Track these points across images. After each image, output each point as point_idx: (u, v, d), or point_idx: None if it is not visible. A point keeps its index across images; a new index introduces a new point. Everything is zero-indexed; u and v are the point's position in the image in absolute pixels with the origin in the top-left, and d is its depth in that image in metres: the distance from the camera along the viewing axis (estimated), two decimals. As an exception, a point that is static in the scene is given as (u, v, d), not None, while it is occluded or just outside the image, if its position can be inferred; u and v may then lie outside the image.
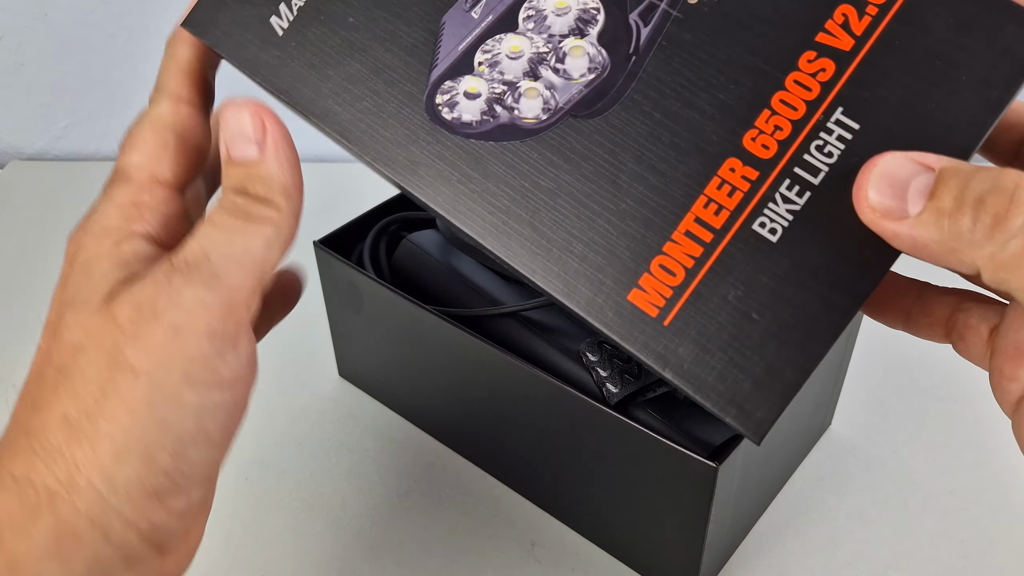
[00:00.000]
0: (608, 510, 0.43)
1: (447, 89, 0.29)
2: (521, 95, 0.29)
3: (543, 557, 0.45)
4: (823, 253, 0.26)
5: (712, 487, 0.37)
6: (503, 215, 0.28)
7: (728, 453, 0.37)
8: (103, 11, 0.72)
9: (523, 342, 0.45)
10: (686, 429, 0.40)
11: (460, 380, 0.46)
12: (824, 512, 0.47)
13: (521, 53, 0.29)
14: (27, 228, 0.70)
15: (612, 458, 0.41)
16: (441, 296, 0.48)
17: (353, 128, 0.30)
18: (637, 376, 0.40)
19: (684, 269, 0.27)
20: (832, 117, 0.26)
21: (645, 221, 0.27)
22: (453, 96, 0.29)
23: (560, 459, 0.44)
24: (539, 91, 0.29)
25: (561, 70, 0.29)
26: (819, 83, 0.26)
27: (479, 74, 0.29)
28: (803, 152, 0.26)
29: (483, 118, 0.29)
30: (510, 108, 0.29)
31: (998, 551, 0.45)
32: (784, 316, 0.26)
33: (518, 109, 0.29)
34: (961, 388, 0.55)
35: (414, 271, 0.49)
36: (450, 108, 0.29)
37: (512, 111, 0.29)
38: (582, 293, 0.27)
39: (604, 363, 0.40)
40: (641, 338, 0.27)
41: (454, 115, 0.29)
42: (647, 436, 0.38)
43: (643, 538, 0.42)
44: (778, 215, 0.26)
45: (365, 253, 0.50)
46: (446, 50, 0.30)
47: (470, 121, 0.29)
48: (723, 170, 0.27)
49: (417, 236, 0.50)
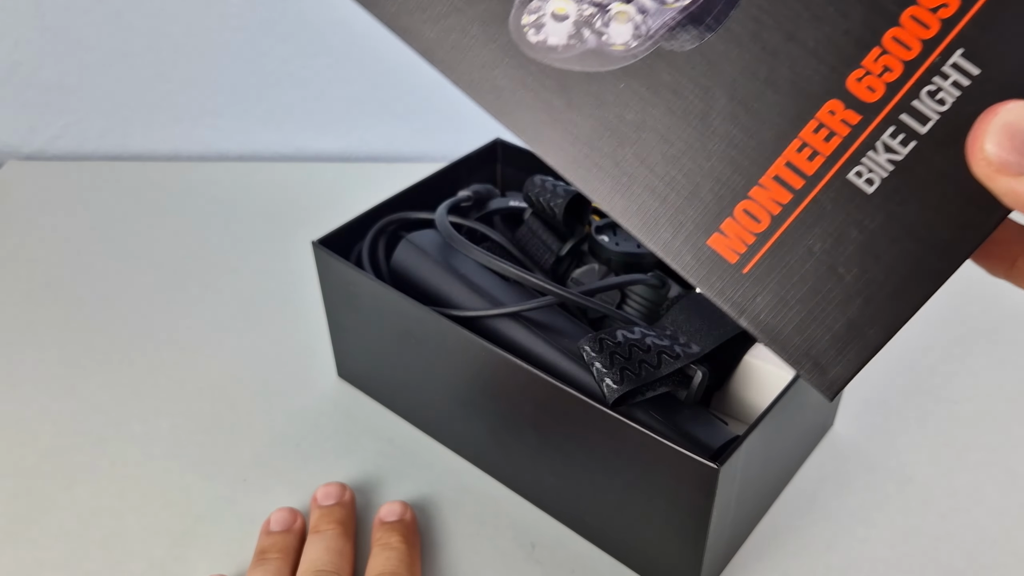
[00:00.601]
0: (609, 512, 0.43)
1: (534, 9, 0.28)
2: (611, 19, 0.27)
3: (543, 558, 0.45)
4: (922, 209, 0.24)
5: (713, 488, 0.37)
6: (585, 147, 0.27)
7: (729, 454, 0.37)
8: (101, 11, 0.72)
9: (523, 342, 0.44)
10: (687, 431, 0.40)
11: (460, 381, 0.46)
12: (826, 513, 0.47)
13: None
14: (25, 228, 0.70)
15: (613, 459, 0.40)
16: (440, 296, 0.48)
17: (437, 48, 0.28)
18: (637, 373, 0.39)
19: (769, 216, 0.25)
20: (950, 60, 0.24)
21: (733, 163, 0.26)
22: (540, 17, 0.28)
23: (560, 460, 0.43)
24: (630, 15, 0.27)
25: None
26: (939, 20, 0.24)
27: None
28: (912, 97, 0.24)
29: (569, 42, 0.27)
30: (599, 32, 0.27)
31: (1000, 552, 0.45)
32: (872, 273, 0.25)
33: (607, 34, 0.27)
34: (963, 389, 0.54)
35: (413, 271, 0.49)
36: (536, 30, 0.28)
37: (600, 36, 0.27)
38: (661, 234, 0.26)
39: (604, 360, 0.40)
40: (718, 284, 0.26)
41: (539, 37, 0.27)
42: (647, 437, 0.38)
43: (644, 539, 0.42)
44: (877, 165, 0.25)
45: (364, 253, 0.50)
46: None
47: (556, 45, 0.27)
48: (822, 112, 0.25)
49: (416, 236, 0.50)
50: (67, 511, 0.47)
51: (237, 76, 0.75)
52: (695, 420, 0.41)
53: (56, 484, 0.48)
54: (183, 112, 0.77)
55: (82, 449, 0.50)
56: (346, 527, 0.44)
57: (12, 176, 0.77)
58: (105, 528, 0.46)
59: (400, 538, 0.43)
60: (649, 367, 0.40)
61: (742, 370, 0.44)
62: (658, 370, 0.40)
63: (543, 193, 0.50)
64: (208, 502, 0.47)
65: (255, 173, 0.77)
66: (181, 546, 0.45)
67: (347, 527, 0.44)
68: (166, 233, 0.69)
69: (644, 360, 0.40)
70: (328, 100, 0.77)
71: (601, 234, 0.49)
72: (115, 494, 0.48)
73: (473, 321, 0.45)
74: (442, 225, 0.48)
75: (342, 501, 0.45)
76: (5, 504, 0.47)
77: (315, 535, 0.43)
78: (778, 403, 0.39)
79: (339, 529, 0.43)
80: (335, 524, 0.44)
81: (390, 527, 0.44)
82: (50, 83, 0.75)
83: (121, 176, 0.77)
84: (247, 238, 0.69)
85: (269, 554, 0.42)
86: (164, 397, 0.54)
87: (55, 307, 0.61)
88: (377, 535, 0.44)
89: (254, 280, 0.64)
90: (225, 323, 0.60)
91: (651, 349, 0.40)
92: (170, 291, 0.63)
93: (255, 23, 0.73)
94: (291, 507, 0.46)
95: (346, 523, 0.44)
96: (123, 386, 0.55)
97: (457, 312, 0.45)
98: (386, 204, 0.53)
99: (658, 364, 0.40)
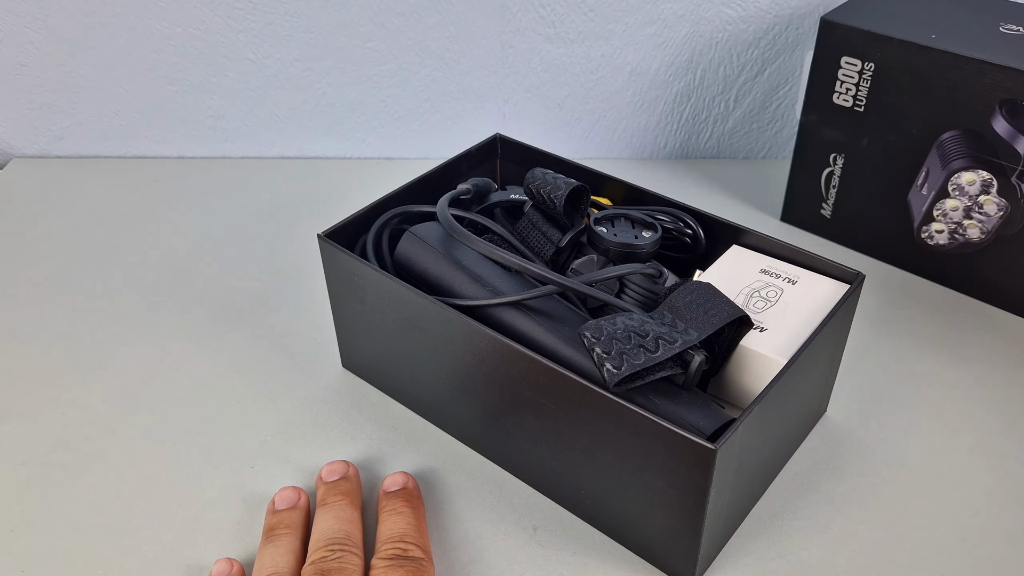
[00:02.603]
0: (608, 495, 0.44)
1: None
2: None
3: (545, 541, 0.46)
4: None
5: (711, 468, 0.38)
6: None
7: (727, 436, 0.38)
8: (104, 12, 0.73)
9: (524, 330, 0.46)
10: (685, 414, 0.41)
11: (463, 368, 0.47)
12: (820, 496, 0.48)
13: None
14: (28, 227, 0.71)
15: (612, 443, 0.41)
16: (443, 286, 0.49)
17: None
18: (637, 358, 0.40)
19: None
20: None
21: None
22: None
23: (561, 444, 0.44)
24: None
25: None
26: None
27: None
28: None
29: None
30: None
31: (992, 532, 0.46)
32: None
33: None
34: (955, 375, 0.56)
35: (416, 262, 0.50)
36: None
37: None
38: None
39: (605, 345, 0.41)
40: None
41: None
42: (646, 419, 0.39)
43: (643, 521, 0.43)
44: None
45: (368, 245, 0.51)
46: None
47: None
48: None
49: (419, 228, 0.51)
50: (78, 499, 0.48)
51: (240, 78, 0.77)
52: (693, 403, 0.42)
53: (67, 473, 0.49)
54: (187, 113, 0.78)
55: (92, 439, 0.51)
56: (353, 499, 0.45)
57: (16, 176, 0.78)
58: (116, 515, 0.47)
59: (405, 503, 0.44)
60: (648, 352, 0.41)
61: (737, 356, 0.45)
62: (657, 355, 0.41)
63: (544, 185, 0.50)
64: (217, 489, 0.48)
65: (259, 170, 0.79)
66: (191, 532, 0.46)
67: (354, 499, 0.45)
68: (170, 229, 0.70)
69: (643, 346, 0.41)
70: (330, 102, 0.78)
71: (599, 226, 0.51)
72: (125, 482, 0.49)
73: (476, 310, 0.46)
74: (443, 217, 0.49)
75: (347, 475, 0.46)
76: (18, 492, 0.48)
77: (323, 508, 0.44)
78: (772, 387, 0.41)
79: (346, 500, 0.44)
80: (342, 496, 0.45)
81: (395, 495, 0.45)
82: (54, 84, 0.76)
83: (125, 174, 0.78)
84: (251, 234, 0.70)
85: (278, 530, 0.43)
86: (172, 388, 0.55)
87: (61, 302, 0.62)
88: (383, 503, 0.45)
89: (258, 274, 0.65)
90: (231, 316, 0.61)
91: (649, 335, 0.41)
92: (175, 286, 0.64)
93: (258, 25, 0.74)
94: (294, 486, 0.47)
95: (352, 495, 0.45)
96: (131, 377, 0.56)
97: (461, 301, 0.46)
98: (389, 198, 0.54)
99: (656, 349, 0.41)
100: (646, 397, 0.42)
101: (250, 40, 0.75)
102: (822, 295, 0.47)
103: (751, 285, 0.48)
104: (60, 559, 0.44)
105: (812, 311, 0.46)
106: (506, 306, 0.46)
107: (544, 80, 0.78)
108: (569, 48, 0.76)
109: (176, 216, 0.72)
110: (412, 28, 0.74)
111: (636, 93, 0.79)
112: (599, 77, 0.78)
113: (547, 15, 0.74)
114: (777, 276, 0.49)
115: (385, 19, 0.74)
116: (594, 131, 0.81)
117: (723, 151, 0.83)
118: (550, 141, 0.81)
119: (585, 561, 0.45)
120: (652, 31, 0.75)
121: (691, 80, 0.78)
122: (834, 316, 0.45)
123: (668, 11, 0.74)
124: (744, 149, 0.83)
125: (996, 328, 0.60)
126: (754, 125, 0.81)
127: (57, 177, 0.77)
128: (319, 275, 0.64)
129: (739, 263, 0.50)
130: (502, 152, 0.61)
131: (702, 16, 0.74)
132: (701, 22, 0.75)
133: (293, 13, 0.73)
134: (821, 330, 0.44)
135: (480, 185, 0.55)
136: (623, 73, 0.78)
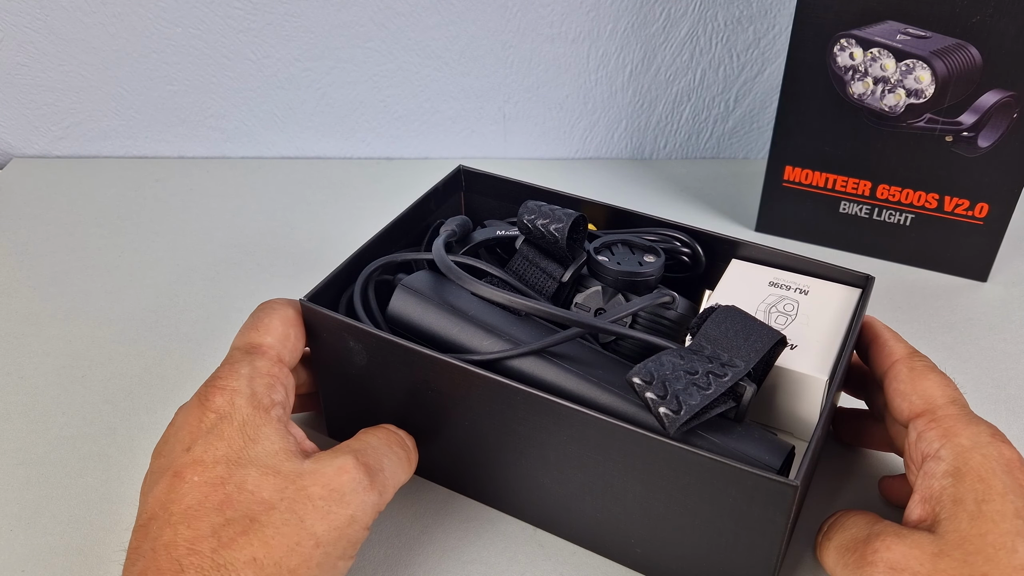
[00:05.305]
0: (664, 543, 0.41)
1: None
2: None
3: (545, 541, 0.45)
4: None
5: (790, 505, 0.35)
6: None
7: (800, 468, 0.36)
8: (103, 11, 0.73)
9: (553, 380, 0.42)
10: (745, 450, 0.39)
11: (489, 429, 0.43)
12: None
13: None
14: (29, 227, 0.71)
15: (671, 489, 0.39)
16: (450, 341, 0.45)
17: None
18: (693, 399, 0.37)
19: None
20: None
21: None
22: None
23: (608, 497, 0.41)
24: None
25: None
26: None
27: None
28: None
29: None
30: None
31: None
32: None
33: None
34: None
35: (414, 317, 0.46)
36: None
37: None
38: None
39: (658, 389, 0.38)
40: None
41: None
42: (714, 463, 0.36)
43: (706, 566, 0.40)
44: None
45: (356, 304, 0.46)
46: None
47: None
48: None
49: (410, 280, 0.47)
50: (78, 499, 0.48)
51: (240, 78, 0.77)
52: (749, 436, 0.40)
53: (67, 473, 0.49)
54: (187, 113, 0.79)
55: (91, 439, 0.51)
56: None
57: (16, 176, 0.78)
58: (116, 515, 0.47)
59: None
60: (702, 390, 0.38)
61: (776, 377, 0.43)
62: (710, 392, 0.38)
63: (540, 217, 0.47)
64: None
65: (259, 170, 0.79)
66: (191, 531, 0.46)
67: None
68: (170, 229, 0.70)
69: (696, 383, 0.38)
70: (330, 102, 0.78)
71: (600, 254, 0.48)
72: (124, 482, 0.48)
73: (498, 363, 0.43)
74: (443, 264, 0.45)
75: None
76: (17, 492, 0.48)
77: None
78: (825, 408, 0.40)
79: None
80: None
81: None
82: (54, 84, 0.76)
83: (125, 174, 0.78)
84: (251, 234, 0.70)
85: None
86: (170, 388, 0.55)
87: (61, 302, 0.62)
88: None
89: (258, 274, 0.65)
90: (231, 316, 0.61)
91: (699, 372, 0.39)
92: (174, 287, 0.64)
93: (258, 25, 0.74)
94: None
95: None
96: (130, 377, 0.56)
97: (480, 356, 0.43)
98: (364, 250, 0.49)
99: (709, 386, 0.38)
100: (703, 437, 0.39)
101: (250, 40, 0.75)
102: (837, 303, 0.46)
103: (766, 300, 0.47)
104: (60, 559, 0.44)
105: (833, 320, 0.45)
106: (530, 355, 0.43)
107: (544, 80, 0.78)
108: (569, 48, 0.76)
109: (176, 216, 0.72)
110: (412, 28, 0.74)
111: (636, 93, 0.79)
112: (599, 77, 0.78)
113: (547, 15, 0.74)
114: (788, 288, 0.47)
115: (385, 19, 0.74)
116: (594, 131, 0.81)
117: (723, 151, 0.83)
118: (550, 141, 0.81)
119: (585, 561, 0.44)
120: (652, 31, 0.75)
121: (691, 80, 0.78)
122: (856, 323, 0.44)
123: (668, 11, 0.74)
124: (744, 149, 0.83)
125: (989, 323, 0.60)
126: (754, 125, 0.81)
127: (57, 177, 0.77)
128: (319, 275, 0.64)
129: (745, 279, 0.48)
130: (466, 185, 0.57)
131: (702, 16, 0.74)
132: (701, 22, 0.75)
133: (293, 13, 0.73)
134: (848, 339, 0.43)
135: (460, 224, 0.51)
136: (623, 73, 0.78)
